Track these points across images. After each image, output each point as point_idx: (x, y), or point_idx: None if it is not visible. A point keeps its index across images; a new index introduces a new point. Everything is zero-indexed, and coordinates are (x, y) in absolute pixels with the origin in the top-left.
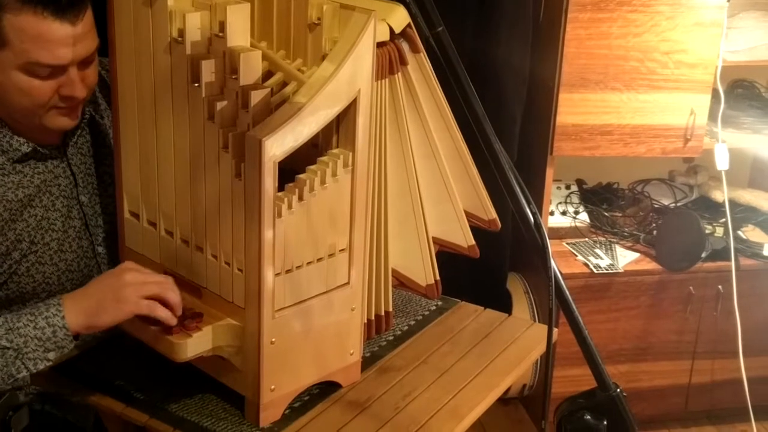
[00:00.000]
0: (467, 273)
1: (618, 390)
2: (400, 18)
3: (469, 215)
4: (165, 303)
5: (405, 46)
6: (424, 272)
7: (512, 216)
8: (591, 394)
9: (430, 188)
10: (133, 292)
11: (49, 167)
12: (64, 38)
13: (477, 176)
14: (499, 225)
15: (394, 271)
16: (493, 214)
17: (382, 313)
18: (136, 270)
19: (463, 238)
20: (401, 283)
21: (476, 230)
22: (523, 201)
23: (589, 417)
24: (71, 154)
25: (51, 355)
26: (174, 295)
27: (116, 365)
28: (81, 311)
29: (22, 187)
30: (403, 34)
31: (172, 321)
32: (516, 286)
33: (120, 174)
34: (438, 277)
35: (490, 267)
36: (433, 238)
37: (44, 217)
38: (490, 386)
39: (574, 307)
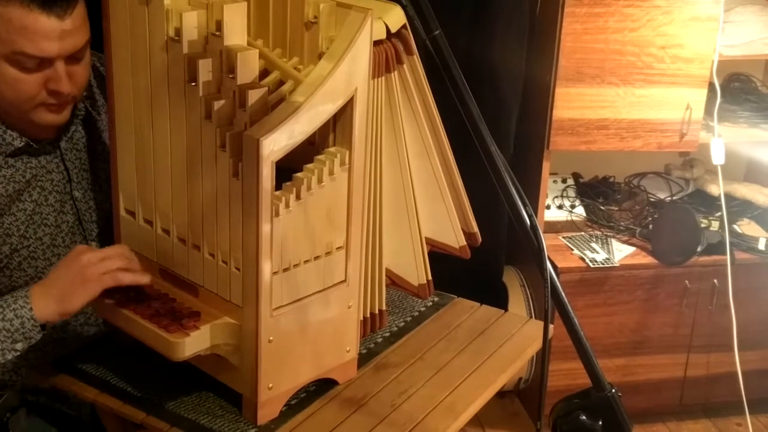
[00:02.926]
0: (463, 266)
1: (613, 390)
2: (397, 18)
3: None
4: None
5: (400, 47)
6: (417, 271)
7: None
8: (586, 395)
9: (423, 187)
10: (95, 270)
11: (42, 162)
12: (49, 31)
13: (461, 186)
14: (479, 240)
15: (386, 270)
16: (475, 228)
17: (376, 312)
18: (89, 250)
19: (455, 239)
20: (393, 282)
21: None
22: (519, 203)
23: (584, 417)
24: (65, 149)
25: (18, 346)
26: (134, 262)
27: (113, 363)
28: (50, 301)
29: (13, 181)
30: (398, 34)
31: (143, 279)
32: (512, 280)
33: (116, 172)
34: (430, 277)
35: (487, 261)
36: (425, 238)
37: (35, 211)
38: (486, 383)
39: (569, 308)
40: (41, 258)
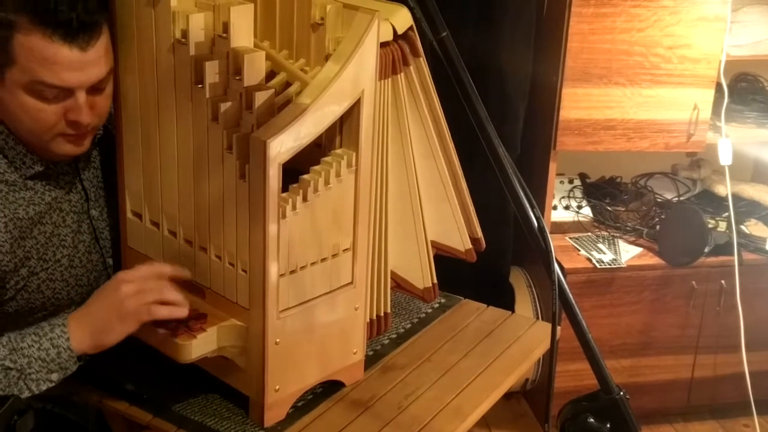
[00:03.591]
0: (470, 267)
1: (621, 393)
2: (403, 19)
3: None
4: (166, 303)
5: (406, 49)
6: (422, 275)
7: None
8: (594, 397)
9: (429, 189)
10: (133, 303)
11: (61, 183)
12: (71, 63)
13: (466, 191)
14: (484, 245)
15: (392, 272)
16: (479, 233)
17: (381, 314)
18: (130, 281)
19: (461, 242)
20: (398, 285)
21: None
22: (527, 205)
23: (592, 420)
24: (83, 168)
25: (54, 377)
26: (173, 294)
27: (120, 364)
28: (87, 333)
29: (33, 204)
30: (405, 36)
31: (179, 313)
32: (519, 281)
33: (122, 173)
34: (435, 281)
35: (493, 262)
36: (431, 241)
37: (54, 233)
38: (492, 385)
39: (577, 310)
40: (59, 280)
